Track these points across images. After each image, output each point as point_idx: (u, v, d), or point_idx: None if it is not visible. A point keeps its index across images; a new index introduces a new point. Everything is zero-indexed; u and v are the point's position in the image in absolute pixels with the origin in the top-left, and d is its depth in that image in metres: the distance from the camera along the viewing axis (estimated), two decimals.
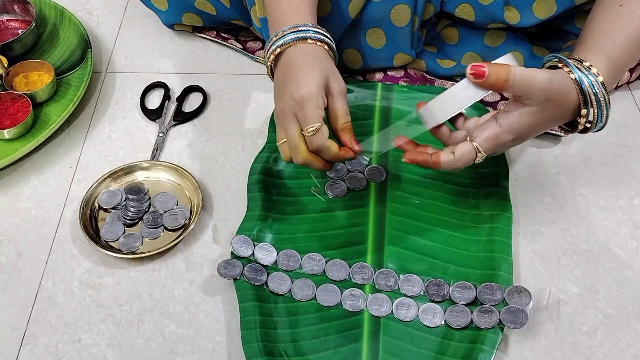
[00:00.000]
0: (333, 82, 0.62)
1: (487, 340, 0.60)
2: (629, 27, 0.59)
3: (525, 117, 0.57)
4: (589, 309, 0.65)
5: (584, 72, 0.57)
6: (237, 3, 0.82)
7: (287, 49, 0.63)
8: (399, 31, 0.77)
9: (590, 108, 0.58)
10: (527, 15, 0.75)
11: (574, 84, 0.57)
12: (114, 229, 0.70)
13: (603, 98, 0.57)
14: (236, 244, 0.66)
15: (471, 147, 0.58)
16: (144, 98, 0.84)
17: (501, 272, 0.64)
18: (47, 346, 0.62)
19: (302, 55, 0.62)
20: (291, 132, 0.61)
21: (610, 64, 0.59)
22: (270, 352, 0.60)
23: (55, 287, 0.66)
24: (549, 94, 0.55)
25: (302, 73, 0.60)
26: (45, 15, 0.90)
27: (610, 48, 0.59)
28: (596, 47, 0.60)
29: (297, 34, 0.62)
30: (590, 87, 0.57)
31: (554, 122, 0.59)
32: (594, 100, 0.57)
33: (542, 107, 0.56)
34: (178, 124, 0.81)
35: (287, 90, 0.61)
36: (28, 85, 0.81)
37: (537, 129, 0.59)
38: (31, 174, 0.76)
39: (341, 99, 0.62)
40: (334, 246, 0.68)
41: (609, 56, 0.59)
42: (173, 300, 0.65)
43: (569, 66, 0.57)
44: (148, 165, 0.75)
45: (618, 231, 0.71)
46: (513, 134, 0.57)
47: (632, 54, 0.60)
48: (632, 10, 0.60)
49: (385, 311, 0.63)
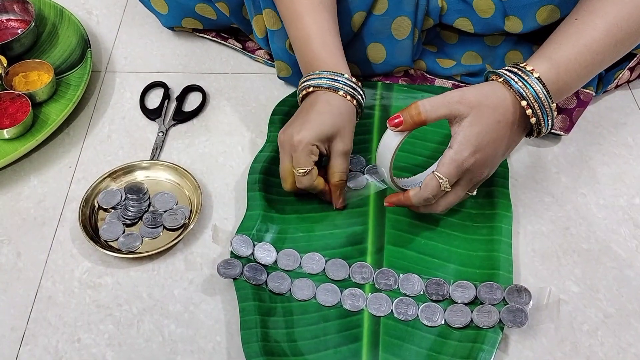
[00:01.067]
0: (339, 141, 0.66)
1: (487, 340, 0.60)
2: (577, 35, 0.61)
3: (466, 130, 0.58)
4: (590, 308, 0.65)
5: (515, 73, 0.59)
6: (237, 12, 0.82)
7: (318, 90, 0.67)
8: (399, 44, 0.78)
9: (529, 101, 0.59)
10: (530, 23, 0.75)
11: (502, 86, 0.60)
12: (114, 228, 0.70)
13: (541, 92, 0.59)
14: (236, 243, 0.66)
15: (432, 176, 0.60)
16: (144, 97, 0.84)
17: (501, 271, 0.64)
18: (47, 346, 0.62)
19: (326, 104, 0.66)
20: (284, 164, 0.67)
21: (550, 63, 0.60)
22: (270, 351, 0.60)
23: (54, 286, 0.66)
24: (470, 101, 0.58)
25: (313, 119, 0.65)
26: (44, 15, 0.90)
27: (555, 51, 0.61)
28: (541, 51, 0.62)
29: (333, 82, 0.66)
30: (520, 81, 0.59)
31: (507, 126, 0.60)
32: (529, 94, 0.59)
33: (474, 115, 0.58)
34: (178, 124, 0.81)
35: (293, 127, 0.65)
36: (27, 84, 0.81)
37: (490, 135, 0.59)
38: (31, 173, 0.76)
39: (342, 159, 0.66)
40: (334, 246, 0.68)
41: (550, 57, 0.61)
42: (173, 300, 0.65)
43: (497, 74, 0.61)
44: (148, 165, 0.75)
45: (618, 230, 0.71)
46: (467, 149, 0.58)
47: (580, 59, 0.61)
48: (585, 23, 0.61)
49: (385, 311, 0.63)
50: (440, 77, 0.83)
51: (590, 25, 0.61)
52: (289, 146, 0.65)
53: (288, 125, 0.67)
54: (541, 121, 0.60)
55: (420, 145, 0.76)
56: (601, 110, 0.83)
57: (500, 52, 0.82)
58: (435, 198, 0.61)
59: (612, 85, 0.82)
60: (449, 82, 0.83)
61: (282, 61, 0.80)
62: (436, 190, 0.60)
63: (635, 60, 0.82)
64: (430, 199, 0.61)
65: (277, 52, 0.79)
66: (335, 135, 0.65)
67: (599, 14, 0.61)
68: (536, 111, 0.59)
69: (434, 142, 0.76)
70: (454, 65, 0.82)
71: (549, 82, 0.59)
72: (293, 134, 0.64)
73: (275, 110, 0.80)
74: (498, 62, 0.82)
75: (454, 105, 0.58)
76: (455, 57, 0.83)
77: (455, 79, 0.83)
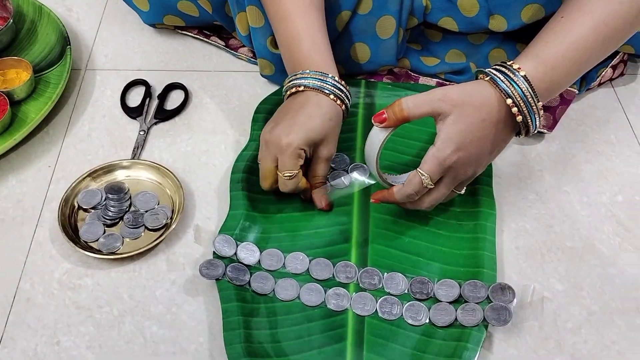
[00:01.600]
0: (324, 146, 0.66)
1: (471, 338, 0.60)
2: (564, 33, 0.61)
3: (449, 128, 0.59)
4: (573, 306, 0.65)
5: (502, 71, 0.59)
6: (219, 9, 0.82)
7: (308, 91, 0.66)
8: (384, 43, 0.78)
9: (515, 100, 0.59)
10: (514, 21, 0.75)
11: (489, 84, 0.60)
12: (94, 229, 0.69)
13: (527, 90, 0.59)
14: (218, 243, 0.65)
15: (415, 172, 0.61)
16: (125, 96, 0.83)
17: (485, 269, 0.64)
18: (26, 349, 0.61)
19: (317, 107, 0.65)
20: (265, 163, 0.66)
21: (537, 61, 0.60)
22: (254, 353, 0.59)
23: (33, 288, 0.65)
24: (453, 100, 0.58)
25: (303, 122, 0.64)
26: (23, 12, 0.88)
27: (542, 49, 0.61)
28: (528, 50, 0.62)
29: (322, 83, 0.66)
30: (507, 80, 0.59)
31: (492, 125, 0.60)
32: (515, 94, 0.58)
33: (457, 113, 0.59)
34: (159, 122, 0.80)
35: (281, 127, 0.64)
36: (5, 82, 0.79)
37: (474, 134, 0.59)
38: (9, 173, 0.75)
39: (325, 164, 0.67)
40: (318, 245, 0.67)
41: (537, 54, 0.61)
42: (154, 301, 0.64)
43: (483, 72, 0.61)
44: (128, 164, 0.74)
45: (602, 228, 0.71)
46: (449, 147, 0.59)
47: (568, 56, 0.61)
48: (571, 21, 0.62)
49: (369, 310, 0.63)
50: (424, 75, 0.83)
51: (577, 23, 0.61)
52: (276, 147, 0.64)
53: (275, 124, 0.65)
54: (528, 119, 0.60)
55: (404, 144, 0.76)
56: (584, 108, 0.84)
57: (484, 50, 0.82)
58: (418, 195, 0.62)
59: (595, 83, 0.83)
60: (433, 80, 0.82)
61: (265, 59, 0.79)
62: (418, 186, 0.61)
63: (618, 58, 0.82)
64: (413, 195, 0.62)
65: (259, 49, 0.79)
66: (322, 140, 0.65)
67: (585, 11, 0.61)
68: (522, 110, 0.59)
69: (420, 140, 0.76)
70: (438, 63, 0.82)
71: (536, 80, 0.59)
72: (281, 136, 0.63)
73: (258, 108, 0.79)
74: (482, 60, 0.82)
75: (436, 103, 0.59)
76: (439, 55, 0.83)
77: (439, 77, 0.83)
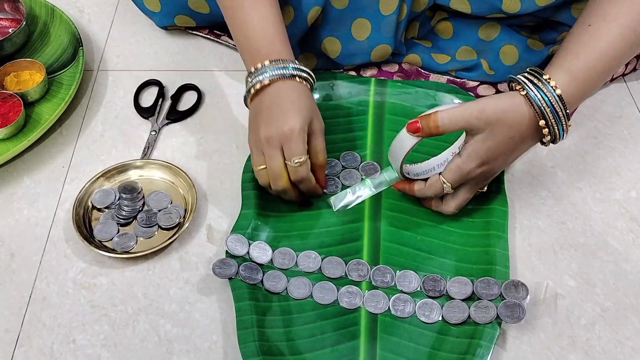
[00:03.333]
0: (316, 121, 0.66)
1: (484, 335, 0.59)
2: (593, 43, 0.61)
3: (478, 144, 0.61)
4: (587, 303, 0.65)
5: (538, 87, 0.59)
6: None
7: (275, 82, 0.65)
8: (385, 19, 0.77)
9: (548, 120, 0.59)
10: (528, 3, 0.75)
11: (524, 100, 0.59)
12: (108, 228, 0.69)
13: (560, 110, 0.59)
14: (231, 242, 0.65)
15: (437, 178, 0.64)
16: (138, 95, 0.84)
17: (498, 266, 0.64)
18: (42, 348, 0.62)
19: (291, 91, 0.65)
20: (275, 161, 0.64)
21: (571, 76, 0.60)
22: (267, 351, 0.59)
23: (49, 287, 0.66)
24: (488, 118, 0.59)
25: (291, 108, 0.64)
26: (35, 14, 0.89)
27: (573, 62, 0.61)
28: (559, 62, 0.62)
29: (281, 70, 0.65)
30: (543, 99, 0.59)
31: (520, 140, 0.61)
32: (549, 112, 0.59)
33: (490, 131, 0.60)
34: (171, 123, 0.81)
35: (275, 120, 0.64)
36: (19, 84, 0.80)
37: (501, 150, 0.61)
38: (23, 174, 0.76)
39: (321, 137, 0.67)
40: (330, 243, 0.68)
41: (569, 69, 0.61)
42: (168, 300, 0.65)
43: (520, 84, 0.60)
44: (141, 164, 0.75)
45: (615, 224, 0.71)
46: (475, 161, 0.61)
47: (598, 67, 0.61)
48: (599, 29, 0.61)
49: (382, 308, 0.63)
50: (435, 73, 0.83)
51: (605, 31, 0.61)
52: (279, 139, 0.63)
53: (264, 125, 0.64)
54: (556, 134, 0.61)
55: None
56: (596, 103, 0.83)
57: (495, 47, 0.81)
58: (436, 197, 0.67)
59: None
60: (444, 78, 0.82)
61: None
62: (439, 191, 0.65)
63: None
64: (432, 196, 0.67)
65: None
66: (312, 117, 0.65)
67: (611, 18, 0.61)
68: (552, 125, 0.60)
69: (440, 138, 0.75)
70: (449, 60, 0.82)
71: (569, 96, 0.60)
72: (280, 126, 0.63)
73: None
74: (493, 57, 0.81)
75: (472, 121, 0.60)
76: (450, 52, 0.83)
77: (450, 74, 0.82)
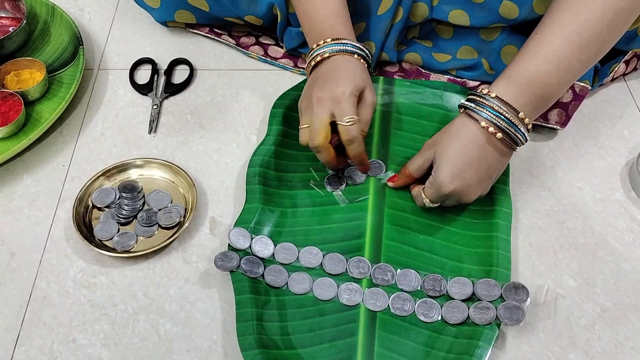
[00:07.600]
0: (368, 92, 0.68)
1: (483, 336, 0.60)
2: (537, 49, 0.64)
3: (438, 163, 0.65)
4: (587, 303, 0.65)
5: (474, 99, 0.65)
6: None
7: (334, 55, 0.69)
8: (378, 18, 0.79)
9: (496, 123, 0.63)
10: (525, 12, 0.75)
11: (465, 115, 0.65)
12: (108, 227, 0.69)
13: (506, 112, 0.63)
14: (233, 236, 0.66)
15: (419, 191, 0.68)
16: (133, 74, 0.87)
17: (499, 268, 0.64)
18: (42, 347, 0.62)
19: (348, 63, 0.69)
20: (321, 117, 0.65)
21: (509, 80, 0.64)
22: (266, 344, 0.59)
23: (49, 287, 0.66)
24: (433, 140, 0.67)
25: (345, 75, 0.67)
26: (36, 13, 0.89)
27: (514, 68, 0.65)
28: (502, 73, 0.66)
29: (340, 46, 0.70)
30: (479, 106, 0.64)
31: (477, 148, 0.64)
32: (491, 115, 0.63)
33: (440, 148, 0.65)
34: (170, 96, 0.83)
35: (328, 84, 0.66)
36: (19, 83, 0.80)
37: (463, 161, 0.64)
38: (24, 173, 0.76)
39: (369, 110, 0.68)
40: (332, 240, 0.68)
41: (509, 75, 0.65)
42: (168, 299, 0.65)
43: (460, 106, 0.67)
44: (142, 163, 0.75)
45: (615, 224, 0.71)
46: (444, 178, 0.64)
47: (543, 70, 0.64)
48: (544, 36, 0.64)
49: (381, 306, 0.63)
50: (435, 72, 0.83)
51: (548, 37, 0.64)
52: (330, 100, 0.65)
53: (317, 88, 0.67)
54: (512, 134, 0.63)
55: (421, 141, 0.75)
56: (597, 103, 0.83)
57: (495, 47, 0.81)
58: None
59: (607, 79, 0.82)
60: (444, 77, 0.82)
61: None
62: (421, 203, 0.69)
63: (631, 54, 0.82)
64: None
65: None
66: (365, 87, 0.68)
67: (556, 25, 0.64)
68: (502, 126, 0.63)
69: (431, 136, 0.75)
70: (449, 59, 0.82)
71: (510, 97, 0.63)
72: (333, 88, 0.65)
73: (276, 103, 0.79)
74: (494, 57, 0.81)
75: (424, 151, 0.68)
76: (451, 52, 0.83)
77: (450, 73, 0.82)
